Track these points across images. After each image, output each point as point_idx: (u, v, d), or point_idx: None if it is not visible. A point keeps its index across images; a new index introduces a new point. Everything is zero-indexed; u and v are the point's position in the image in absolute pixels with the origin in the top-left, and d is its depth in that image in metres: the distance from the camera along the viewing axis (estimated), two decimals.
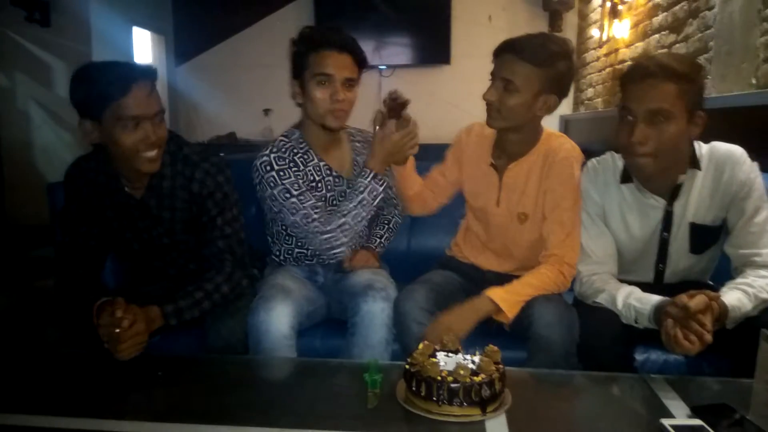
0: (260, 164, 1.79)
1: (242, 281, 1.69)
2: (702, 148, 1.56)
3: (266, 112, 5.93)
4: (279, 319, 1.60)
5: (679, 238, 1.60)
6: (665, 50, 3.33)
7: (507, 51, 1.65)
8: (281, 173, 1.78)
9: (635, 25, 3.88)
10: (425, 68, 5.78)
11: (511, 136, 1.77)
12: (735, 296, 1.40)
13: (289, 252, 1.93)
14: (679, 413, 1.16)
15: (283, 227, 1.91)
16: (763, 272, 1.47)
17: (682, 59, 1.53)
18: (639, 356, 1.61)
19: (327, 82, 1.75)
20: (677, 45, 3.16)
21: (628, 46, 4.03)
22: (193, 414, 1.20)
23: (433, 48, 5.72)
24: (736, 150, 1.54)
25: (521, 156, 1.78)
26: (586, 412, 1.26)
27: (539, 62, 1.62)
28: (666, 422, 1.09)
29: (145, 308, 1.47)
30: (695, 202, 1.56)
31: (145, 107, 1.48)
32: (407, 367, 1.21)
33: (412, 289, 1.74)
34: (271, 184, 1.77)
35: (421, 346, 1.27)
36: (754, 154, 1.54)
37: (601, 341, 1.44)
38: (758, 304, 1.41)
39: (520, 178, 1.79)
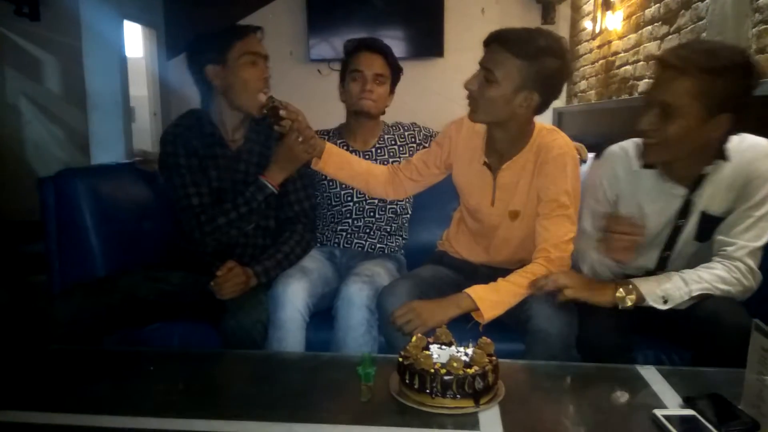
0: None
1: (311, 243, 1.99)
2: (732, 140, 1.49)
3: None
4: (295, 293, 1.75)
5: (690, 226, 1.57)
6: (657, 41, 3.33)
7: (493, 41, 1.62)
8: None
9: (628, 17, 3.88)
10: (418, 61, 5.75)
11: (498, 134, 1.74)
12: (655, 278, 1.47)
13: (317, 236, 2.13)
14: (672, 403, 1.16)
15: (322, 215, 2.15)
16: (717, 264, 1.46)
17: (723, 54, 1.38)
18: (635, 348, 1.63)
19: (359, 77, 2.06)
20: (670, 36, 3.17)
21: (620, 38, 4.02)
22: (185, 408, 1.19)
23: (426, 41, 5.69)
24: (762, 142, 1.50)
25: (514, 154, 1.75)
26: (580, 403, 1.27)
27: (523, 55, 1.57)
28: (659, 412, 1.10)
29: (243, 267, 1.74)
30: (711, 192, 1.52)
31: (261, 47, 1.85)
32: (400, 359, 1.22)
33: (396, 283, 1.74)
34: None
35: (414, 339, 1.27)
36: None
37: (601, 334, 1.44)
38: (686, 288, 1.43)
39: (514, 178, 1.76)
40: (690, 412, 1.10)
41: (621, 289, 1.47)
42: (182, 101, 6.26)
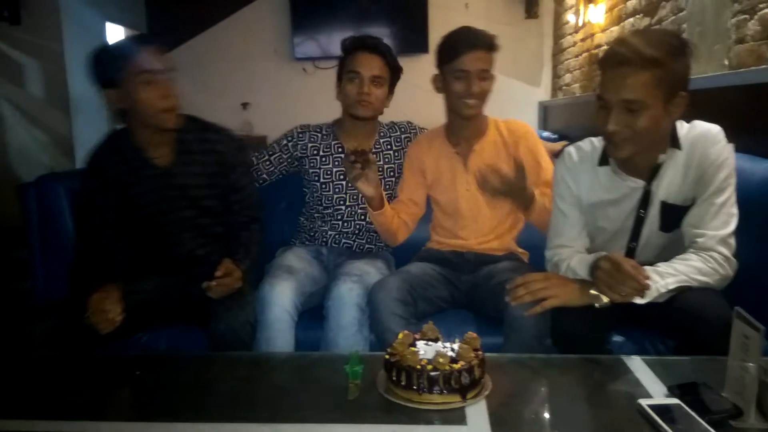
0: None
1: (262, 239, 1.91)
2: (683, 128, 1.53)
3: (244, 105, 5.87)
4: (282, 293, 1.76)
5: (652, 217, 1.59)
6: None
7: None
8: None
9: (610, 10, 3.89)
10: (403, 57, 5.61)
11: (465, 124, 1.91)
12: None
13: (300, 230, 2.16)
14: (657, 393, 1.17)
15: (311, 215, 2.13)
16: (693, 256, 1.46)
17: (665, 39, 1.43)
18: (617, 338, 1.64)
19: (356, 79, 1.99)
20: (652, 28, 3.18)
21: (603, 30, 4.04)
22: (172, 412, 1.19)
23: (411, 37, 5.67)
24: (713, 129, 1.52)
25: (480, 136, 1.93)
26: (565, 395, 1.28)
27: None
28: (643, 402, 1.10)
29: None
30: (668, 181, 1.54)
31: (157, 63, 1.69)
32: (387, 356, 1.22)
33: (387, 279, 1.76)
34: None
35: (400, 335, 1.28)
36: (727, 134, 1.55)
37: (574, 326, 1.45)
38: (662, 281, 1.41)
39: (488, 155, 1.90)
40: (674, 400, 1.11)
41: (593, 289, 1.44)
42: None
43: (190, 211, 1.80)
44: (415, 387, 1.15)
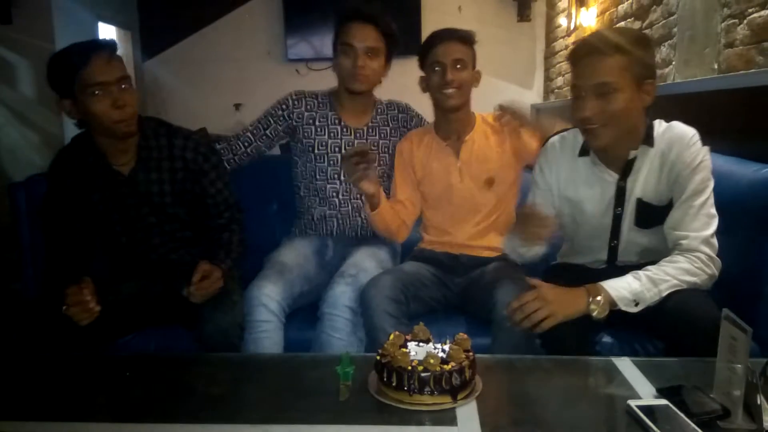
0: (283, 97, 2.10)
1: (245, 239, 1.85)
2: (660, 127, 1.59)
3: (237, 106, 5.85)
4: (269, 295, 1.74)
5: (629, 214, 1.63)
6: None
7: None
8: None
9: (601, 13, 3.91)
10: (396, 59, 5.74)
11: (455, 116, 1.93)
12: (625, 281, 1.47)
13: (306, 223, 2.09)
14: (646, 394, 1.18)
15: (306, 192, 2.08)
16: (679, 257, 1.49)
17: (626, 32, 1.58)
18: (606, 339, 1.65)
19: (350, 52, 1.94)
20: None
21: None
22: (162, 413, 1.18)
23: (404, 39, 5.67)
24: (689, 131, 1.57)
25: (470, 128, 1.96)
26: (555, 396, 1.28)
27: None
28: (633, 403, 1.11)
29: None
30: (644, 180, 1.59)
31: (107, 73, 1.60)
32: (378, 358, 1.22)
33: (379, 277, 1.77)
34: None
35: (391, 336, 1.28)
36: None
37: (562, 327, 1.46)
38: (655, 289, 1.44)
39: (479, 146, 1.93)
40: (663, 401, 1.11)
41: (593, 301, 1.45)
42: (160, 103, 6.21)
43: (155, 217, 1.76)
44: (405, 388, 1.15)
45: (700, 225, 1.51)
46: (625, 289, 1.45)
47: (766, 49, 2.00)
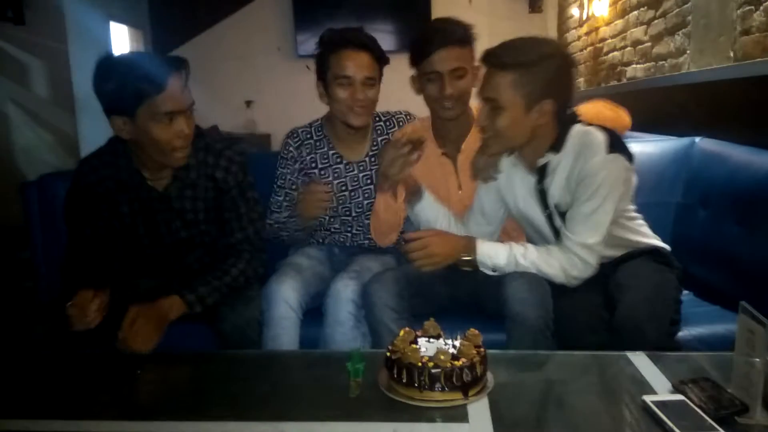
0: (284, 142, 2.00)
1: (259, 269, 1.74)
2: (576, 133, 1.56)
3: (248, 104, 5.88)
4: (288, 291, 1.72)
5: (556, 216, 1.63)
6: (643, 26, 3.32)
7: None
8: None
9: (614, 3, 3.86)
10: (406, 54, 5.73)
11: (451, 125, 1.84)
12: (495, 250, 1.60)
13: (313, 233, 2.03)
14: (662, 389, 1.16)
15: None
16: (556, 250, 1.57)
17: (531, 46, 1.51)
18: None
19: (347, 83, 1.81)
20: (656, 21, 3.15)
21: (607, 24, 4.01)
22: (173, 410, 1.19)
23: (414, 33, 5.67)
24: (597, 138, 1.53)
25: (466, 134, 1.85)
26: (568, 391, 1.26)
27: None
28: (648, 398, 1.09)
29: (161, 300, 1.51)
30: (558, 184, 1.59)
31: (181, 102, 1.49)
32: (388, 354, 1.21)
33: (382, 273, 1.77)
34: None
35: (402, 332, 1.27)
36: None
37: (576, 325, 1.44)
38: (515, 266, 1.58)
39: (474, 152, 1.82)
40: (679, 397, 1.09)
41: (462, 257, 1.62)
42: None
43: (186, 231, 1.71)
44: (416, 384, 1.14)
45: (584, 230, 1.53)
46: (490, 258, 1.59)
47: None
